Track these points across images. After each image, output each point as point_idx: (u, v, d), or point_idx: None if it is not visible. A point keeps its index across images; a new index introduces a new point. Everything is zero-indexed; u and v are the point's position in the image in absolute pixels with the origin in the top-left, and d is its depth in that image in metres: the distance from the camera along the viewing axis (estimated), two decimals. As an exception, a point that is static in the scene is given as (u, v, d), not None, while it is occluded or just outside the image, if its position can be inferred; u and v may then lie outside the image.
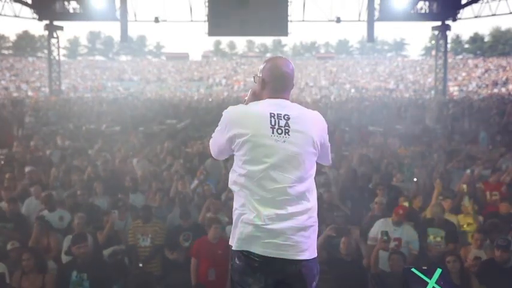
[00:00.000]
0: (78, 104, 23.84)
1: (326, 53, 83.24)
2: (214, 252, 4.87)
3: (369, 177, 6.87)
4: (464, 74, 55.27)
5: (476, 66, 58.00)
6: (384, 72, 60.69)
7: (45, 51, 72.04)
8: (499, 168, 7.73)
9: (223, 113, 2.40)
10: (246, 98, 2.54)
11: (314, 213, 2.34)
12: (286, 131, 2.28)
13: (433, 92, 34.22)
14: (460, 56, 72.85)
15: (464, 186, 6.09)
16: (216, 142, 2.47)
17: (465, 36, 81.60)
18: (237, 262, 2.27)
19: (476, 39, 78.59)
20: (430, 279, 2.49)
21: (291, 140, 2.27)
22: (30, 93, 41.97)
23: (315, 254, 2.31)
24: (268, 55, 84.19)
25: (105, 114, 19.02)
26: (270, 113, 2.30)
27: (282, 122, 2.28)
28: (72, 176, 6.81)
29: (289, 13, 27.85)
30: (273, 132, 2.26)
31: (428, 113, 18.37)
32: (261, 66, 2.49)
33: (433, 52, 31.69)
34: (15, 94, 38.58)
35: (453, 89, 45.93)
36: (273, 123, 2.27)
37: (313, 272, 2.30)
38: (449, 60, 62.36)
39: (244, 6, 25.31)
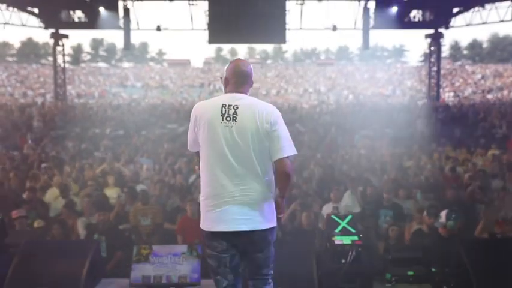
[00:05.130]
0: (83, 110, 24.70)
1: (326, 60, 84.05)
2: (195, 227, 5.69)
3: (347, 174, 7.87)
4: (461, 80, 56.08)
5: (473, 72, 58.81)
6: (382, 79, 61.52)
7: (49, 58, 73.19)
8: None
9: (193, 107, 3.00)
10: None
11: (268, 188, 2.85)
12: (234, 118, 2.80)
13: (425, 98, 35.01)
14: (459, 62, 73.66)
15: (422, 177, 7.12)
16: (189, 134, 3.03)
17: (464, 42, 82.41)
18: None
19: (474, 45, 79.44)
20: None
21: (239, 124, 2.79)
22: (36, 99, 42.92)
23: (272, 223, 2.88)
24: (269, 62, 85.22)
25: (109, 119, 19.82)
26: (222, 104, 2.84)
27: (231, 111, 2.81)
28: (85, 172, 7.88)
29: (286, 21, 28.73)
30: (222, 120, 2.81)
31: (418, 117, 19.17)
32: (225, 67, 3.06)
33: (433, 59, 32.41)
34: (21, 100, 39.50)
35: (448, 95, 46.73)
36: (223, 112, 2.81)
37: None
38: (448, 66, 63.30)
39: (244, 16, 26.23)
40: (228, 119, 2.81)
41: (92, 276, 4.07)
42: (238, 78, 2.95)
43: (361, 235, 3.90)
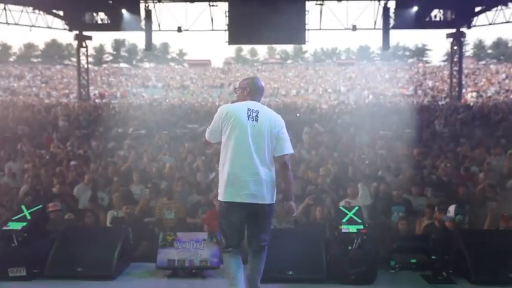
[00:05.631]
0: (106, 110, 25.27)
1: (347, 59, 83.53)
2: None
3: (362, 172, 8.17)
4: (484, 79, 55.27)
5: (497, 72, 57.87)
6: (403, 79, 60.99)
7: (73, 59, 74.75)
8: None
9: (219, 108, 3.79)
10: (235, 100, 3.97)
11: (271, 173, 3.64)
12: (256, 119, 3.65)
13: (447, 98, 34.76)
14: (483, 62, 72.56)
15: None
16: (212, 127, 3.81)
17: (488, 41, 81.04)
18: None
19: (499, 44, 78.07)
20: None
21: (259, 124, 3.64)
22: (60, 99, 44.01)
23: (273, 201, 3.69)
24: (289, 62, 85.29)
25: (131, 119, 20.26)
26: (248, 108, 3.69)
27: (254, 114, 3.68)
28: (110, 168, 8.30)
29: (306, 22, 28.87)
30: (248, 119, 3.65)
31: (438, 118, 19.12)
32: (242, 82, 3.93)
33: (455, 58, 32.14)
34: (46, 101, 40.56)
35: (471, 95, 46.14)
36: (248, 114, 3.67)
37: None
38: (471, 65, 62.40)
39: (263, 16, 26.47)
40: (252, 119, 3.66)
41: (122, 260, 4.55)
42: (256, 91, 3.85)
43: (366, 225, 4.30)
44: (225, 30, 28.90)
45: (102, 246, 4.50)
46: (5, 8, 29.36)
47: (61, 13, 30.82)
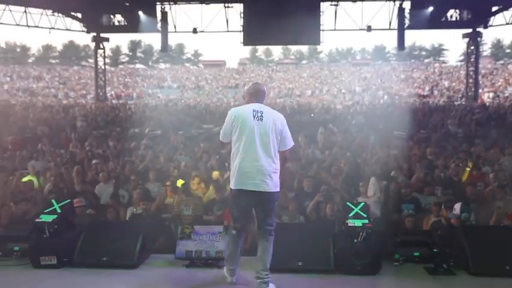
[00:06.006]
0: (122, 110, 25.71)
1: (362, 59, 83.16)
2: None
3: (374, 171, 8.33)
4: (502, 80, 54.60)
5: (515, 71, 57.15)
6: (419, 79, 60.61)
7: (90, 60, 75.87)
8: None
9: (229, 112, 4.34)
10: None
11: (275, 165, 4.17)
12: (261, 118, 4.19)
13: (463, 98, 34.50)
14: (501, 61, 71.61)
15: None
16: (224, 129, 4.36)
17: (507, 40, 79.91)
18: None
19: (518, 43, 77.06)
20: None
21: (264, 123, 4.18)
22: (78, 100, 44.77)
23: (277, 188, 4.21)
24: (304, 62, 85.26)
25: (147, 119, 20.63)
26: (253, 109, 4.25)
27: (259, 114, 4.22)
28: (127, 167, 8.62)
29: (321, 22, 28.92)
30: (254, 119, 4.20)
31: (452, 118, 19.08)
32: (247, 88, 4.54)
33: (472, 58, 31.92)
34: (64, 101, 41.31)
35: (488, 95, 45.66)
36: (253, 114, 4.21)
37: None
38: (489, 65, 61.65)
39: (278, 18, 26.64)
40: (257, 119, 4.21)
41: (143, 251, 4.92)
42: (259, 94, 4.43)
43: (371, 219, 4.60)
44: (240, 31, 29.14)
45: (125, 238, 4.90)
46: (25, 11, 30.11)
47: (79, 15, 31.48)
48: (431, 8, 27.67)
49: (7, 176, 8.58)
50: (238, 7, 28.93)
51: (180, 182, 7.56)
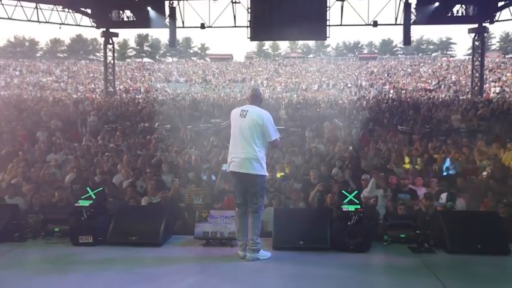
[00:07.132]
0: (132, 105, 26.17)
1: (369, 54, 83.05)
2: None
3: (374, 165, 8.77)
4: (509, 74, 54.46)
5: (524, 65, 56.92)
6: (426, 73, 60.57)
7: (97, 54, 76.41)
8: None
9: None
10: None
11: (257, 154, 4.98)
12: (245, 116, 5.03)
13: (469, 93, 34.62)
14: (510, 55, 71.23)
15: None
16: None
17: (516, 34, 79.29)
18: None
19: (527, 37, 76.54)
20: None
21: (246, 120, 5.01)
22: (87, 94, 45.35)
23: (259, 172, 4.99)
24: (311, 56, 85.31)
25: (156, 114, 21.08)
26: (241, 109, 5.13)
27: (244, 113, 5.07)
28: (140, 160, 9.15)
29: (328, 17, 29.09)
30: (239, 117, 5.07)
31: (455, 113, 19.32)
32: (248, 93, 5.49)
33: (477, 53, 32.04)
34: (74, 95, 41.88)
35: (494, 90, 45.66)
36: (240, 113, 5.09)
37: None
38: (497, 60, 61.38)
39: (285, 13, 26.93)
40: (242, 116, 5.08)
41: (166, 232, 5.64)
42: (254, 98, 5.26)
43: (363, 205, 5.38)
44: (247, 26, 29.40)
45: (150, 219, 5.68)
46: (36, 7, 30.66)
47: (89, 11, 31.98)
48: (437, 3, 27.80)
49: (29, 168, 9.12)
50: (246, 3, 29.23)
51: None
